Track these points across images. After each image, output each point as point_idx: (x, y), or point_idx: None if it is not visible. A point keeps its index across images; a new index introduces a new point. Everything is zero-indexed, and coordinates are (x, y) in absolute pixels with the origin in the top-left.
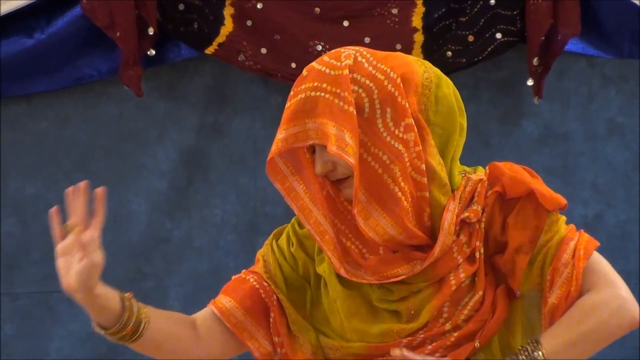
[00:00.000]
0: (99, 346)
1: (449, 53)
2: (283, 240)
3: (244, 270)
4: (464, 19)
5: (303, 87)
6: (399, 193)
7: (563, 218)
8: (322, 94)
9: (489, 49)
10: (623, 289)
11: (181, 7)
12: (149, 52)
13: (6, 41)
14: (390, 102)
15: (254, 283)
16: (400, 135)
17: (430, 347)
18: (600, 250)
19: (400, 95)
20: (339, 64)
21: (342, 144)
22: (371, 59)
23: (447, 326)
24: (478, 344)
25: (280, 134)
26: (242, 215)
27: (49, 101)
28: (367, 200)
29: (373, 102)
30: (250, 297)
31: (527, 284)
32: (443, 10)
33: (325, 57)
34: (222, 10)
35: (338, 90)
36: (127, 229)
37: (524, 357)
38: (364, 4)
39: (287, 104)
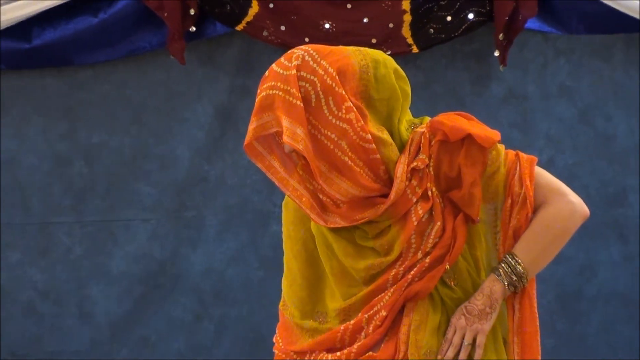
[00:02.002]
0: (150, 264)
1: (431, 30)
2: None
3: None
4: (443, 3)
5: (264, 86)
6: (349, 161)
7: (501, 147)
8: (277, 92)
9: (463, 27)
10: (569, 194)
11: None
12: (190, 29)
13: (76, 20)
14: (330, 92)
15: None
16: (343, 116)
17: (410, 274)
18: None
19: (337, 86)
20: (289, 64)
21: (292, 134)
22: (316, 56)
23: (419, 255)
24: (448, 265)
25: (251, 125)
26: None
27: (110, 68)
28: (327, 170)
29: (317, 94)
30: None
31: (482, 209)
32: None
33: (281, 59)
34: None
35: (288, 88)
36: (173, 170)
37: (508, 270)
38: None
39: (257, 98)
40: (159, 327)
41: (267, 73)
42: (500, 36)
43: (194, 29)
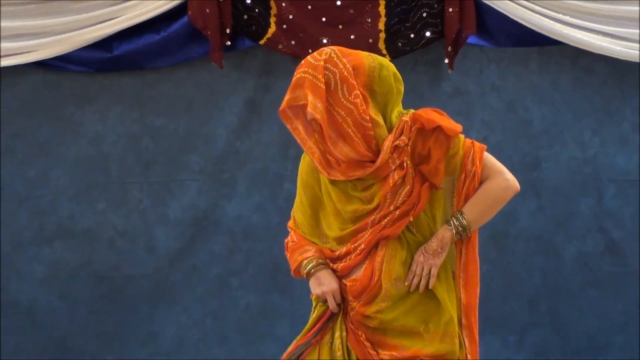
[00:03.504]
0: (197, 212)
1: (400, 44)
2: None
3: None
4: (408, 24)
5: (300, 70)
6: (352, 133)
7: (461, 136)
8: (307, 76)
9: (422, 42)
10: (506, 173)
11: (245, 17)
12: (226, 43)
13: (144, 36)
14: (345, 82)
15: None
16: (352, 100)
17: (384, 221)
18: None
19: (351, 78)
20: (319, 57)
21: (314, 106)
22: (339, 54)
23: (391, 207)
24: (412, 218)
25: (286, 97)
26: (283, 140)
27: (169, 71)
28: (335, 137)
29: (337, 81)
30: None
31: (443, 180)
32: (396, 19)
33: (314, 53)
34: (268, 19)
35: (315, 74)
36: (213, 145)
37: (456, 223)
38: (351, 16)
39: (293, 79)
40: (204, 258)
41: (302, 61)
42: (449, 49)
43: (229, 43)
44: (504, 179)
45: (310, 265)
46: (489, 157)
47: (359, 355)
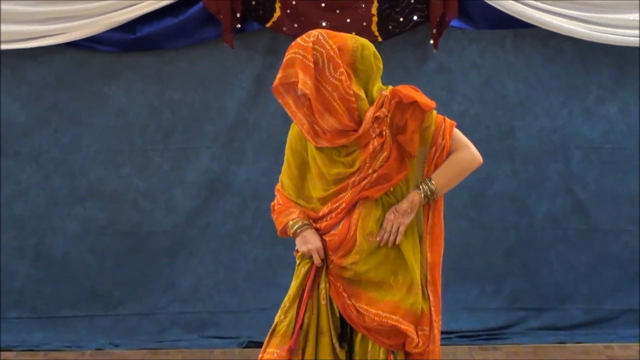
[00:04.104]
0: (211, 176)
1: (390, 27)
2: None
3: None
4: (397, 9)
5: (290, 51)
6: (337, 106)
7: (434, 112)
8: (298, 56)
9: (410, 24)
10: (471, 147)
11: (253, 2)
12: (237, 26)
13: (164, 20)
14: (332, 61)
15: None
16: (337, 77)
17: (363, 183)
18: (459, 127)
19: (336, 57)
20: (308, 39)
21: (304, 83)
22: (326, 37)
23: (370, 171)
24: (391, 187)
25: (278, 75)
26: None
27: (186, 51)
28: (322, 110)
29: (324, 60)
30: None
31: (417, 149)
32: (387, 5)
33: (303, 36)
34: (274, 4)
35: (305, 54)
36: (225, 116)
37: (425, 188)
38: (347, 2)
39: (285, 59)
40: (217, 216)
41: (293, 43)
42: (434, 31)
43: (239, 26)
44: (470, 152)
45: (296, 226)
46: (458, 133)
47: (338, 305)
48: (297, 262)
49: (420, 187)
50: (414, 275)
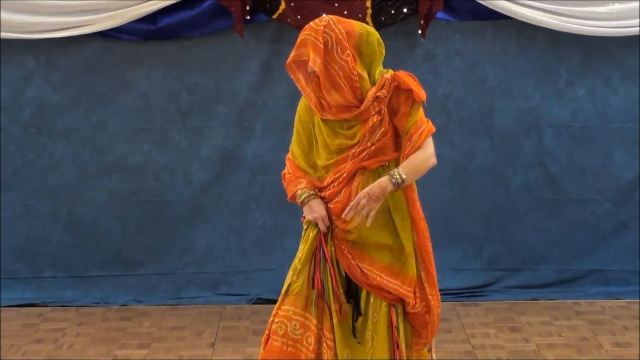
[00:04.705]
0: (223, 151)
1: (383, 18)
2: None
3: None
4: (389, 3)
5: (304, 33)
6: (342, 84)
7: (421, 110)
8: (310, 37)
9: (400, 16)
10: (433, 151)
11: None
12: (246, 17)
13: (182, 12)
14: (340, 43)
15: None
16: (344, 58)
17: (362, 155)
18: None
19: (344, 40)
20: (320, 23)
21: (314, 61)
22: (336, 22)
23: (369, 144)
24: (386, 162)
25: (292, 53)
26: (291, 95)
27: (201, 40)
28: (329, 86)
29: (333, 43)
30: None
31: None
32: None
33: (316, 20)
34: None
35: (316, 36)
36: (236, 98)
37: (397, 177)
38: None
39: (298, 39)
40: (228, 187)
41: (306, 26)
42: (422, 22)
43: (249, 17)
44: (432, 154)
45: (304, 196)
46: (430, 138)
47: (343, 266)
48: (305, 227)
49: (394, 175)
50: (408, 244)
